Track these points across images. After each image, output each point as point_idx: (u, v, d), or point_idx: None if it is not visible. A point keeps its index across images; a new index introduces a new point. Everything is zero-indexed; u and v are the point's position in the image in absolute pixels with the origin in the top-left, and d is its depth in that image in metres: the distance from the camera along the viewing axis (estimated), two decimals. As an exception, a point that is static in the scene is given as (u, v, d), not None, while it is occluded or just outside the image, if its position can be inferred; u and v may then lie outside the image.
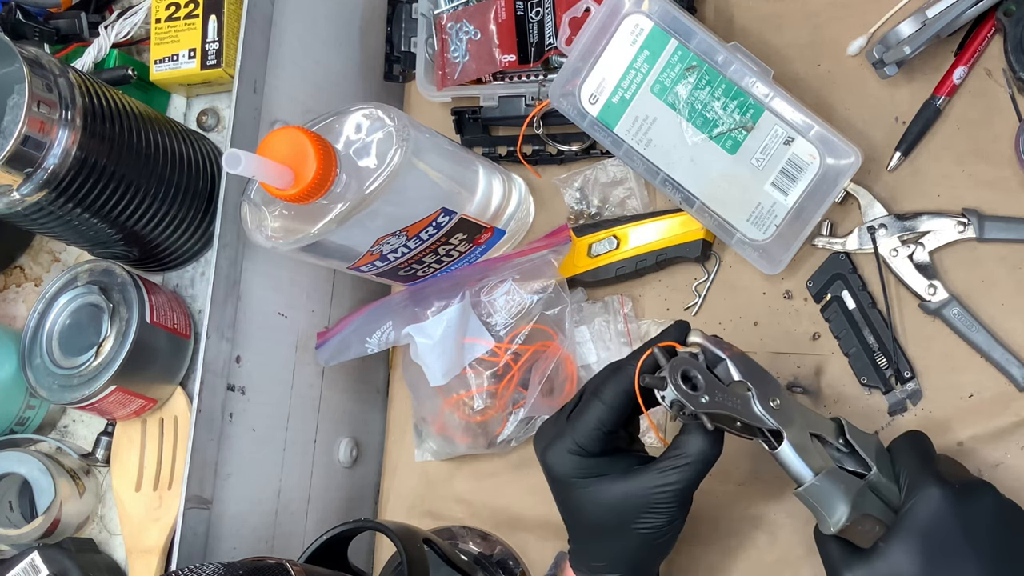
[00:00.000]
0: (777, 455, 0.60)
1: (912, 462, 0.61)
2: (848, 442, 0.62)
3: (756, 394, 0.59)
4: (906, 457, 0.61)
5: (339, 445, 0.88)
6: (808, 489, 0.59)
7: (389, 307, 0.84)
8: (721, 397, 0.59)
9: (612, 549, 0.63)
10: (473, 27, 0.84)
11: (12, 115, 0.68)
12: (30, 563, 0.78)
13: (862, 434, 0.62)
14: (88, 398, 0.77)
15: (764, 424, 0.59)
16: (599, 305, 0.83)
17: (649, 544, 0.62)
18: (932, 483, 0.58)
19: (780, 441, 0.59)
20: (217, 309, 0.74)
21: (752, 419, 0.59)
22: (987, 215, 0.73)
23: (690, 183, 0.77)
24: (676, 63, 0.75)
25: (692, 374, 0.59)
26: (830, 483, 0.59)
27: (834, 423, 0.62)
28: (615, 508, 0.61)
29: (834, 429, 0.62)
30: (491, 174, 0.82)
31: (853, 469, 0.61)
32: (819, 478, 0.59)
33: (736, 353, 0.61)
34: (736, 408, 0.59)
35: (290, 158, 0.66)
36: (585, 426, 0.61)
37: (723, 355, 0.60)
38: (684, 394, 0.57)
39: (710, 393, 0.58)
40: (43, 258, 0.93)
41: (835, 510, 0.58)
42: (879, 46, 0.76)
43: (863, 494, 0.59)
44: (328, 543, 0.71)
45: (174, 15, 0.87)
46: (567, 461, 0.62)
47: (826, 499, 0.59)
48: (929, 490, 0.58)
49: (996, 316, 0.72)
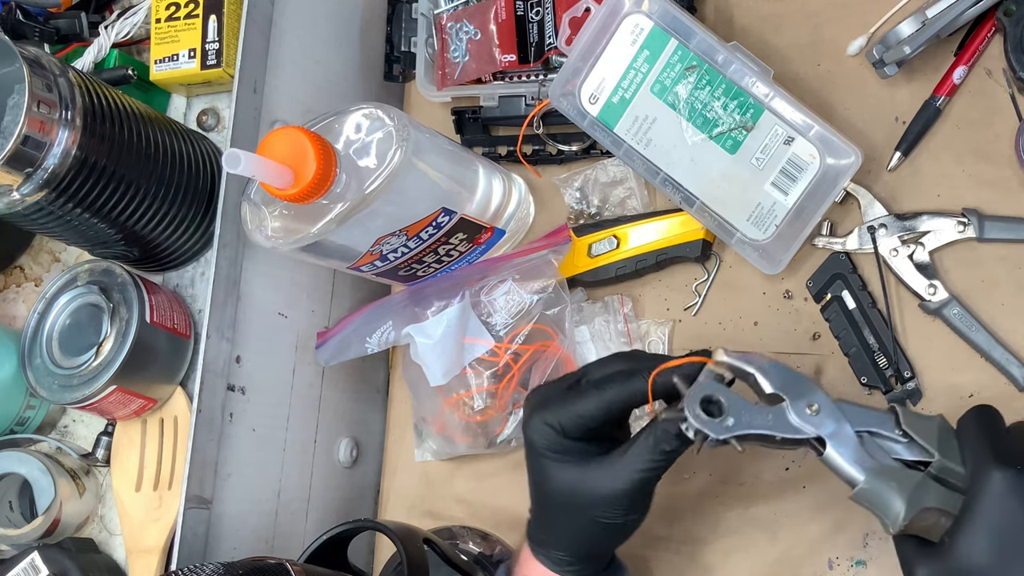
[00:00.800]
0: (825, 461, 0.57)
1: (973, 443, 0.57)
2: (905, 432, 0.58)
3: (791, 404, 0.57)
4: (969, 438, 0.57)
5: (339, 445, 0.88)
6: (858, 493, 0.56)
7: (389, 307, 0.84)
8: (749, 416, 0.56)
9: (566, 528, 0.62)
10: (473, 27, 0.84)
11: (12, 115, 0.68)
12: (30, 563, 0.78)
13: (921, 419, 0.58)
14: (88, 398, 0.77)
15: (802, 434, 0.57)
16: (599, 305, 0.83)
17: (603, 531, 0.61)
18: (993, 466, 0.54)
19: (824, 447, 0.57)
20: (217, 309, 0.74)
21: (789, 431, 0.57)
22: (987, 215, 0.73)
23: (690, 183, 0.77)
24: (676, 63, 0.75)
25: (715, 398, 0.56)
26: (880, 483, 0.56)
27: (889, 414, 0.59)
28: (576, 491, 0.60)
29: (889, 419, 0.58)
30: (491, 174, 0.82)
31: (916, 459, 0.57)
32: (867, 479, 0.56)
33: (765, 364, 0.58)
34: (768, 424, 0.56)
35: (290, 158, 0.66)
36: (573, 412, 0.60)
37: (751, 369, 0.58)
38: (706, 424, 0.55)
39: (736, 415, 0.56)
40: (43, 258, 0.93)
41: (890, 509, 0.56)
42: (879, 46, 0.76)
43: (922, 487, 0.56)
44: (328, 543, 0.71)
45: (174, 15, 0.87)
46: (545, 433, 0.61)
47: (879, 500, 0.56)
48: (990, 474, 0.54)
49: (996, 316, 0.72)
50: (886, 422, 0.58)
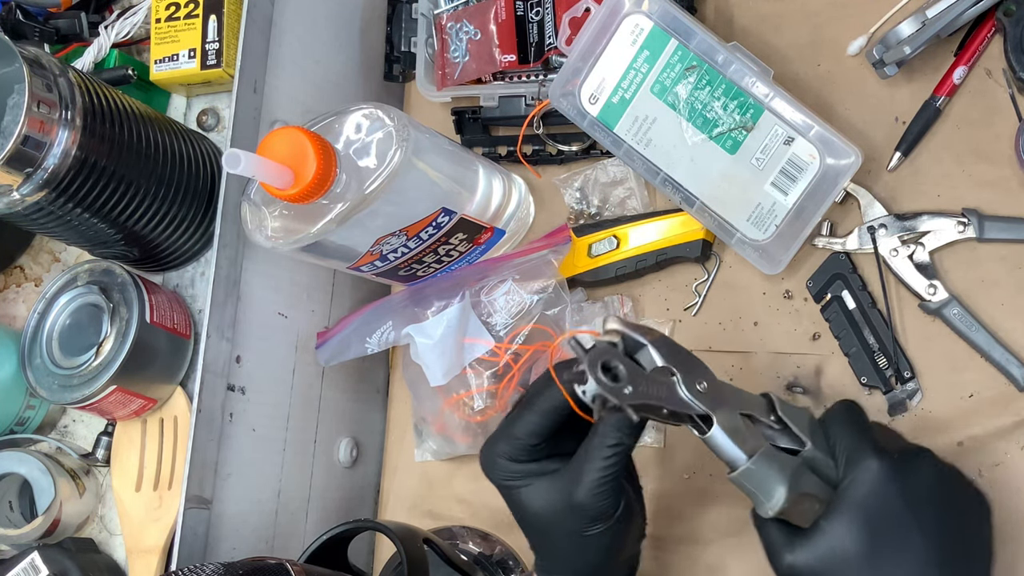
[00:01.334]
0: (708, 440, 0.57)
1: (847, 434, 0.58)
2: (780, 419, 0.58)
3: (681, 379, 0.56)
4: (841, 429, 0.58)
5: (339, 445, 0.88)
6: (743, 473, 0.56)
7: (389, 307, 0.84)
8: (645, 386, 0.55)
9: (556, 550, 0.61)
10: (473, 27, 0.84)
11: (12, 115, 0.68)
12: (30, 563, 0.78)
13: (794, 409, 0.59)
14: (88, 398, 0.77)
15: (692, 410, 0.56)
16: (599, 305, 0.83)
17: (586, 545, 0.59)
18: (870, 455, 0.56)
19: (710, 426, 0.56)
20: (217, 309, 0.74)
21: (679, 406, 0.56)
22: (987, 215, 0.73)
23: (690, 183, 0.77)
24: (676, 63, 0.75)
25: (612, 364, 0.54)
26: (765, 465, 0.56)
27: (764, 399, 0.59)
28: (545, 510, 0.59)
29: (765, 406, 0.59)
30: (491, 174, 0.82)
31: (787, 446, 0.58)
32: (753, 461, 0.55)
33: (657, 337, 0.57)
34: (661, 396, 0.55)
35: (290, 158, 0.66)
36: (511, 436, 0.59)
37: (643, 340, 0.56)
38: (606, 387, 0.53)
39: (633, 383, 0.54)
40: (43, 258, 0.93)
41: (772, 492, 0.55)
42: (879, 46, 0.76)
43: (799, 472, 0.56)
44: (328, 543, 0.71)
45: (174, 15, 0.87)
46: (497, 466, 0.60)
47: (762, 482, 0.56)
48: (867, 462, 0.56)
49: (996, 316, 0.72)
50: (762, 408, 0.59)
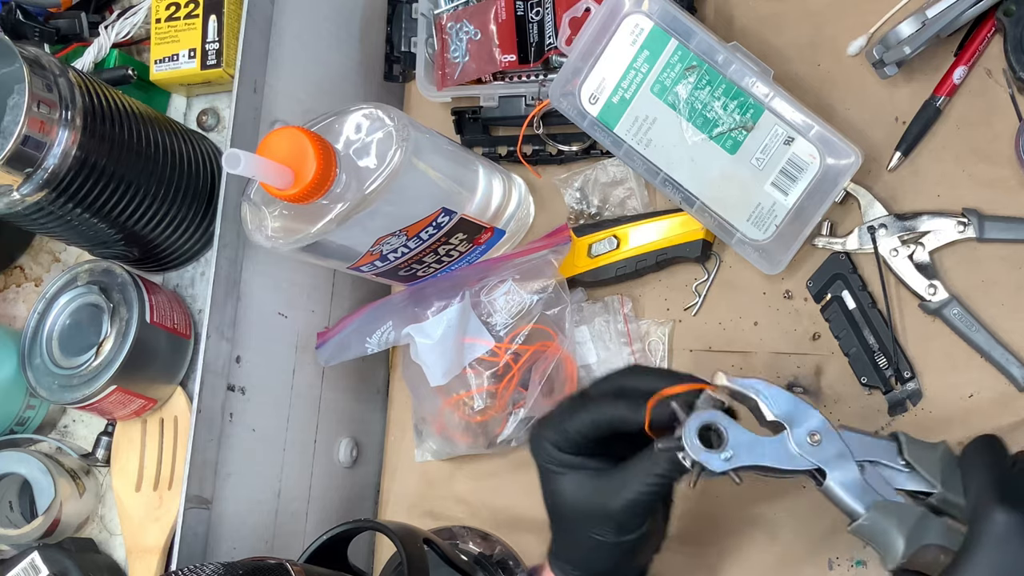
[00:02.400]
0: (824, 492, 0.56)
1: (977, 478, 0.55)
2: (908, 462, 0.57)
3: (792, 432, 0.55)
4: (972, 471, 0.56)
5: (339, 445, 0.88)
6: (858, 527, 0.55)
7: (389, 307, 0.84)
8: (749, 448, 0.54)
9: (572, 542, 0.61)
10: (473, 27, 0.84)
11: (12, 115, 0.68)
12: (30, 563, 0.78)
13: (924, 448, 0.57)
14: (88, 398, 0.77)
15: (802, 467, 0.55)
16: (599, 305, 0.83)
17: (602, 549, 0.59)
18: (995, 506, 0.53)
19: (825, 478, 0.55)
20: (217, 309, 0.74)
21: (788, 464, 0.55)
22: (987, 215, 0.73)
23: (690, 183, 0.77)
24: (676, 63, 0.75)
25: (714, 426, 0.54)
26: (882, 517, 0.54)
27: (892, 441, 0.57)
28: (574, 505, 0.59)
29: (892, 448, 0.57)
30: (491, 174, 0.82)
31: (917, 489, 0.56)
32: (869, 515, 0.54)
33: (767, 389, 0.56)
34: (767, 456, 0.55)
35: (290, 158, 0.66)
36: (563, 428, 0.59)
37: (751, 394, 0.56)
38: (703, 456, 0.53)
39: (735, 447, 0.54)
40: (43, 258, 0.93)
41: (890, 546, 0.54)
42: (879, 46, 0.76)
43: (923, 522, 0.55)
44: (328, 543, 0.71)
45: (174, 15, 0.87)
46: (541, 448, 0.60)
47: (879, 535, 0.54)
48: (993, 515, 0.52)
49: (996, 316, 0.72)
50: (888, 451, 0.57)
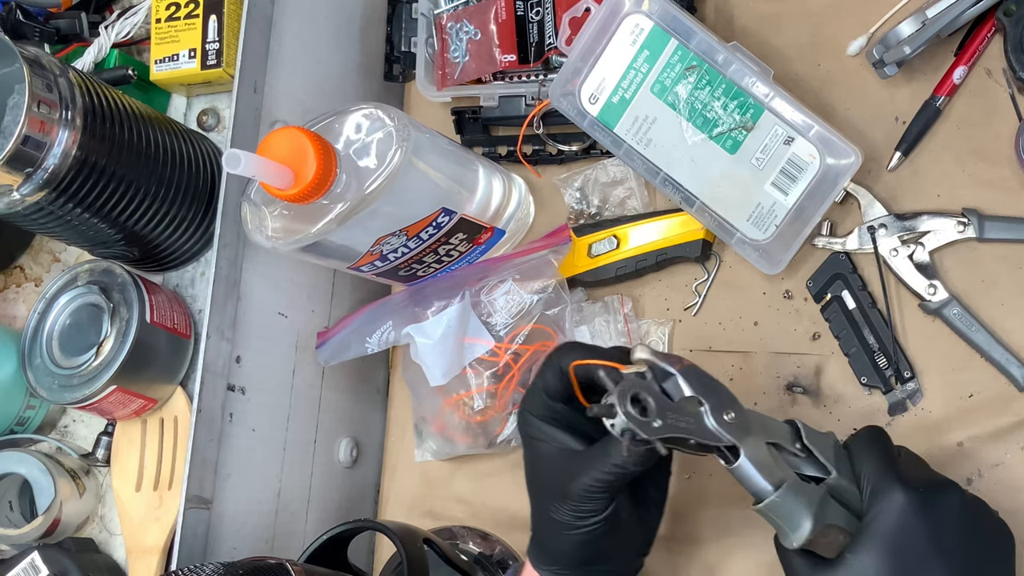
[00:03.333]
0: (734, 471, 0.56)
1: (872, 464, 0.57)
2: (805, 446, 0.58)
3: (709, 409, 0.55)
4: (866, 457, 0.58)
5: (339, 445, 0.88)
6: (768, 505, 0.55)
7: (389, 307, 0.84)
8: (674, 419, 0.54)
9: (539, 521, 0.61)
10: (473, 27, 0.84)
11: (12, 115, 0.68)
12: (30, 563, 0.78)
13: (819, 436, 0.59)
14: (88, 398, 0.77)
15: (720, 441, 0.55)
16: (599, 305, 0.83)
17: (564, 532, 0.59)
18: (895, 487, 0.55)
19: (737, 456, 0.56)
20: (217, 309, 0.74)
21: (707, 437, 0.55)
22: (987, 215, 0.73)
23: (690, 183, 0.77)
24: (676, 63, 0.75)
25: (642, 396, 0.54)
26: (791, 497, 0.55)
27: (790, 427, 0.59)
28: (544, 481, 0.60)
29: (790, 433, 0.59)
30: (491, 174, 0.82)
31: (812, 474, 0.58)
32: (779, 493, 0.55)
33: (687, 366, 0.57)
34: (689, 428, 0.55)
35: (290, 158, 0.66)
36: (533, 390, 0.60)
37: (672, 370, 0.56)
38: (636, 422, 0.53)
39: (662, 416, 0.54)
40: (43, 258, 0.93)
41: (798, 525, 0.55)
42: (879, 46, 0.76)
43: (825, 503, 0.56)
44: (328, 543, 0.71)
45: (174, 15, 0.87)
46: (523, 416, 0.61)
47: (788, 514, 0.56)
48: (893, 494, 0.55)
49: (996, 316, 0.72)
50: (787, 436, 0.58)
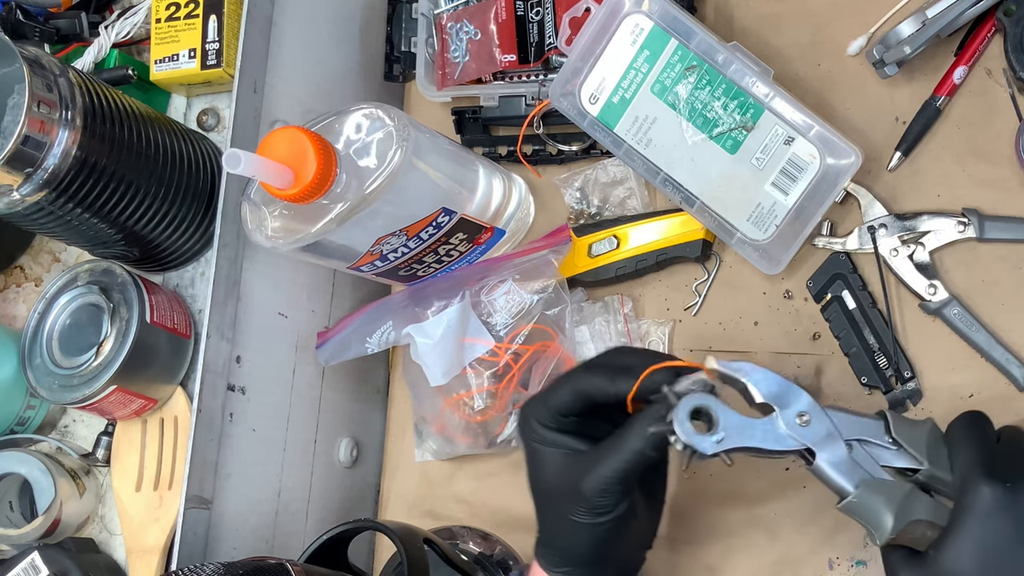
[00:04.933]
0: (814, 472, 0.57)
1: (963, 454, 0.56)
2: (895, 439, 0.58)
3: (781, 414, 0.56)
4: (958, 447, 0.57)
5: (339, 445, 0.88)
6: (847, 505, 0.56)
7: (389, 307, 0.84)
8: (739, 430, 0.55)
9: (550, 523, 0.61)
10: (473, 27, 0.84)
11: (12, 115, 0.68)
12: (30, 563, 0.78)
13: (911, 426, 0.58)
14: (88, 398, 0.77)
15: (792, 447, 0.56)
16: (599, 305, 0.83)
17: (578, 531, 0.59)
18: (982, 480, 0.54)
19: (815, 457, 0.56)
20: (217, 309, 0.74)
21: (778, 444, 0.56)
22: (987, 215, 0.73)
23: (690, 183, 0.77)
24: (676, 63, 0.75)
25: (705, 409, 0.55)
26: (870, 495, 0.55)
27: (879, 419, 0.58)
28: (553, 486, 0.60)
29: (879, 426, 0.58)
30: (491, 174, 0.82)
31: (903, 466, 0.57)
32: (858, 492, 0.56)
33: (757, 372, 0.57)
34: (757, 438, 0.56)
35: (290, 158, 0.66)
36: (545, 402, 0.60)
37: (740, 378, 0.56)
38: (695, 439, 0.54)
39: (727, 428, 0.54)
40: (43, 258, 0.93)
41: (879, 523, 0.55)
42: (879, 46, 0.76)
43: (911, 498, 0.56)
44: (328, 543, 0.71)
45: (174, 15, 0.87)
46: (527, 426, 0.61)
47: (868, 512, 0.56)
48: (979, 488, 0.54)
49: (996, 316, 0.72)
50: (876, 429, 0.58)
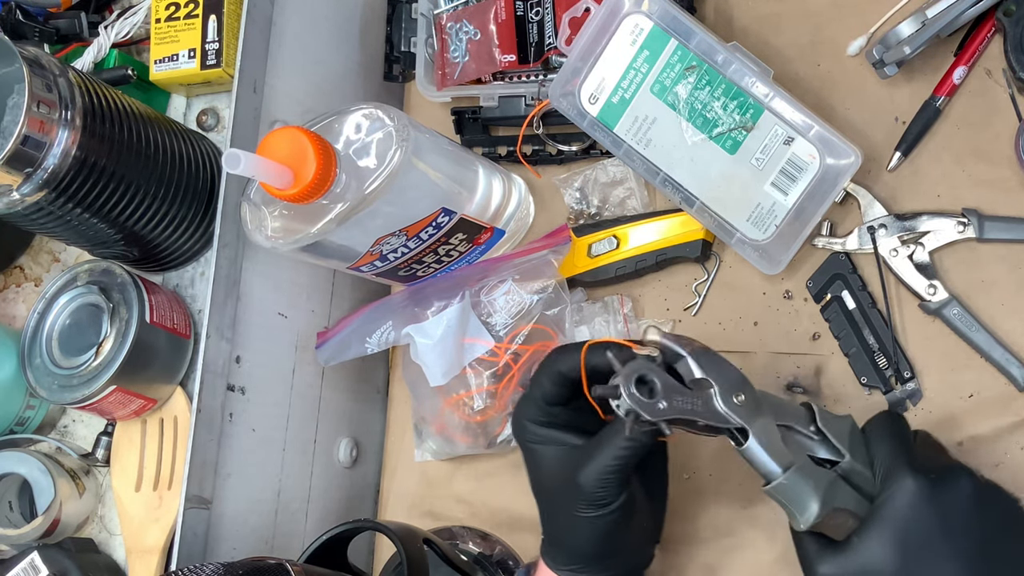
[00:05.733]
0: (743, 453, 0.57)
1: (885, 449, 0.58)
2: (819, 429, 0.59)
3: (718, 391, 0.56)
4: (880, 442, 0.59)
5: (339, 445, 0.88)
6: (776, 487, 0.56)
7: (389, 307, 0.84)
8: (680, 400, 0.55)
9: (553, 522, 0.62)
10: (473, 27, 0.84)
11: (12, 115, 0.69)
12: (30, 563, 0.78)
13: (834, 419, 0.60)
14: (88, 398, 0.77)
15: (727, 423, 0.57)
16: (599, 305, 0.83)
17: (581, 526, 0.59)
18: (906, 472, 0.56)
19: (746, 438, 0.57)
20: (217, 309, 0.74)
21: (715, 419, 0.56)
22: (987, 215, 0.73)
23: (690, 183, 0.77)
24: (676, 63, 0.75)
25: (649, 378, 0.55)
26: (799, 479, 0.56)
27: (805, 410, 0.60)
28: (553, 482, 0.60)
29: (805, 416, 0.59)
30: (491, 174, 0.82)
31: (826, 457, 0.59)
32: (787, 475, 0.56)
33: (697, 348, 0.57)
34: (697, 410, 0.56)
35: (290, 158, 0.66)
36: (530, 398, 0.61)
37: (683, 352, 0.57)
38: (640, 403, 0.54)
39: (668, 398, 0.55)
40: (43, 258, 0.93)
41: (805, 507, 0.56)
42: (879, 46, 0.76)
43: (835, 486, 0.57)
44: (328, 543, 0.71)
45: (174, 15, 0.87)
46: (520, 426, 0.62)
47: (795, 496, 0.56)
48: (903, 480, 0.55)
49: (996, 316, 0.72)
50: (802, 418, 0.59)
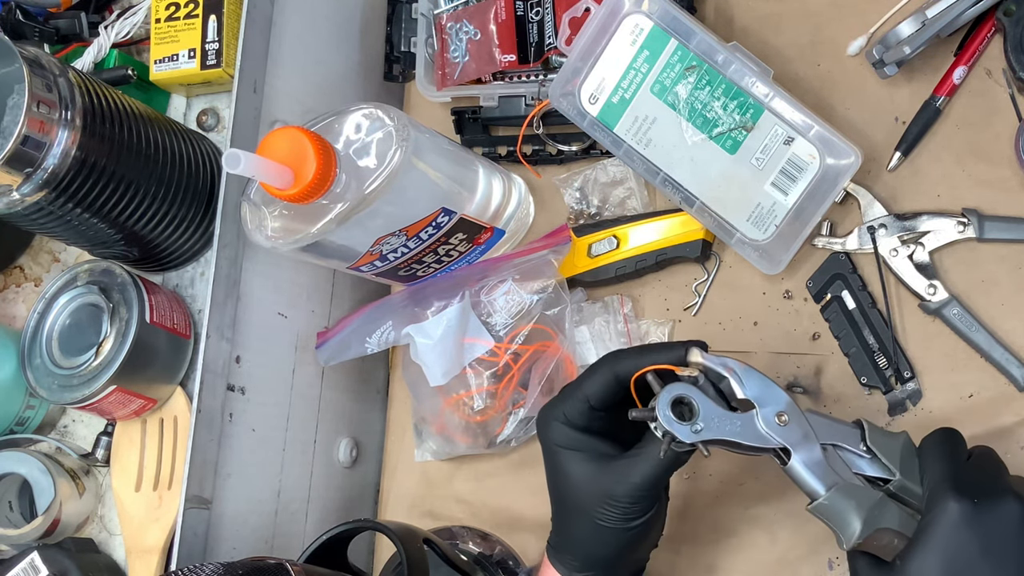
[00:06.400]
0: (787, 472, 0.58)
1: (934, 469, 0.58)
2: (869, 448, 0.59)
3: (760, 412, 0.57)
4: (930, 461, 0.58)
5: (339, 445, 0.88)
6: (817, 507, 0.57)
7: (389, 307, 0.84)
8: (719, 422, 0.57)
9: (574, 529, 0.62)
10: (473, 27, 0.84)
11: (12, 115, 0.68)
12: (30, 563, 0.78)
13: (886, 436, 0.60)
14: (88, 398, 0.77)
15: (769, 444, 0.57)
16: (599, 305, 0.83)
17: (606, 536, 0.60)
18: (950, 495, 0.55)
19: (790, 457, 0.57)
20: (217, 309, 0.74)
21: (756, 440, 0.57)
22: (987, 215, 0.73)
23: (690, 183, 0.77)
24: (676, 63, 0.75)
25: (687, 399, 0.57)
26: (841, 499, 0.57)
27: (855, 427, 0.60)
28: (580, 488, 0.60)
29: (856, 434, 0.59)
30: (491, 174, 0.82)
31: (875, 475, 0.59)
32: (829, 495, 0.57)
33: (740, 369, 0.58)
34: (736, 432, 0.57)
35: (290, 158, 0.66)
36: (572, 398, 0.61)
37: (724, 372, 0.58)
38: (675, 426, 0.56)
39: (706, 420, 0.56)
40: (43, 258, 0.93)
41: (847, 527, 0.56)
42: (879, 46, 0.76)
43: (881, 506, 0.57)
44: (328, 543, 0.71)
45: (174, 15, 0.87)
46: (552, 426, 0.62)
47: (837, 516, 0.57)
48: (945, 504, 0.55)
49: (996, 316, 0.72)
50: (851, 436, 0.59)
